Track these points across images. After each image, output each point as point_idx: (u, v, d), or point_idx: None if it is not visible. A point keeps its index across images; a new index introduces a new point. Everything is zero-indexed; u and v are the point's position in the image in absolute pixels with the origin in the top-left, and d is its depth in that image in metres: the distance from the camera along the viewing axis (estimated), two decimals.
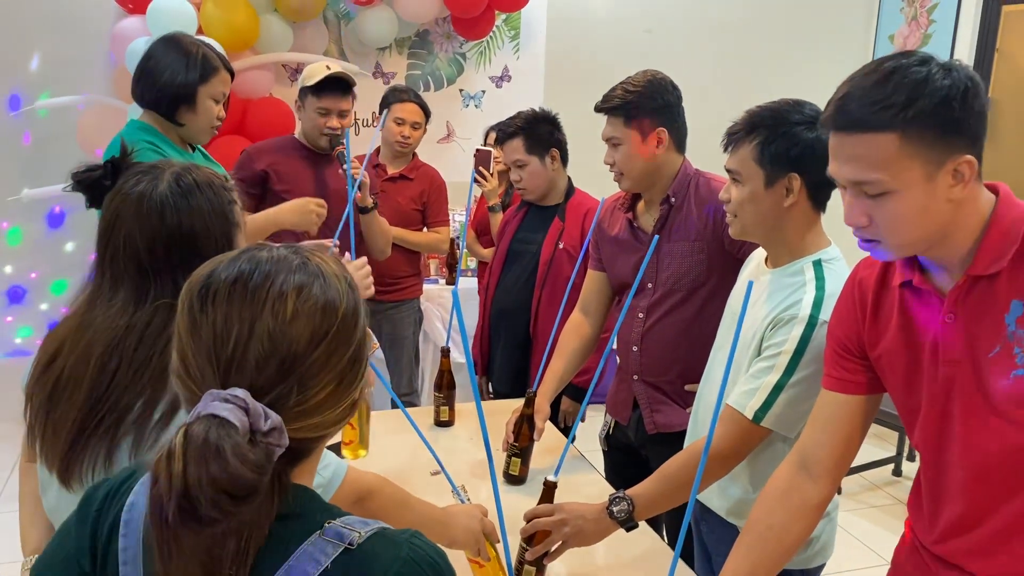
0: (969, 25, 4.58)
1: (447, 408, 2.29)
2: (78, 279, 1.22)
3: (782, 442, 1.56)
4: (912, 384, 1.21)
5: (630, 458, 2.15)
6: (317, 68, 2.66)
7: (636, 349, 2.03)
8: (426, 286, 3.57)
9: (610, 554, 1.67)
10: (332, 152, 2.73)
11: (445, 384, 2.28)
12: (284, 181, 2.71)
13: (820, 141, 1.38)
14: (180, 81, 2.06)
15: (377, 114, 3.38)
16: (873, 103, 1.05)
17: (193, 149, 2.23)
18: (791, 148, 1.48)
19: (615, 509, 1.53)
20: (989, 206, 1.11)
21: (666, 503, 1.56)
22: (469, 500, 1.51)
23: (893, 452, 3.95)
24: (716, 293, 1.90)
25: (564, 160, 2.66)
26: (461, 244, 3.40)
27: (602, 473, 2.18)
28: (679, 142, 1.99)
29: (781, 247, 1.58)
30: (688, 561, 1.84)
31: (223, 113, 2.17)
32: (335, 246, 1.99)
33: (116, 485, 0.85)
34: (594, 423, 2.49)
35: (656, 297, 1.99)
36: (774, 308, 1.51)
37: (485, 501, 1.47)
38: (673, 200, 1.97)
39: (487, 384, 2.92)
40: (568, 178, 2.71)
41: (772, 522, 1.31)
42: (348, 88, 2.67)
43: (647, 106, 1.92)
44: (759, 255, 1.69)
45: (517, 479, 1.97)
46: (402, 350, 3.32)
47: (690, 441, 1.77)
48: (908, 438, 1.27)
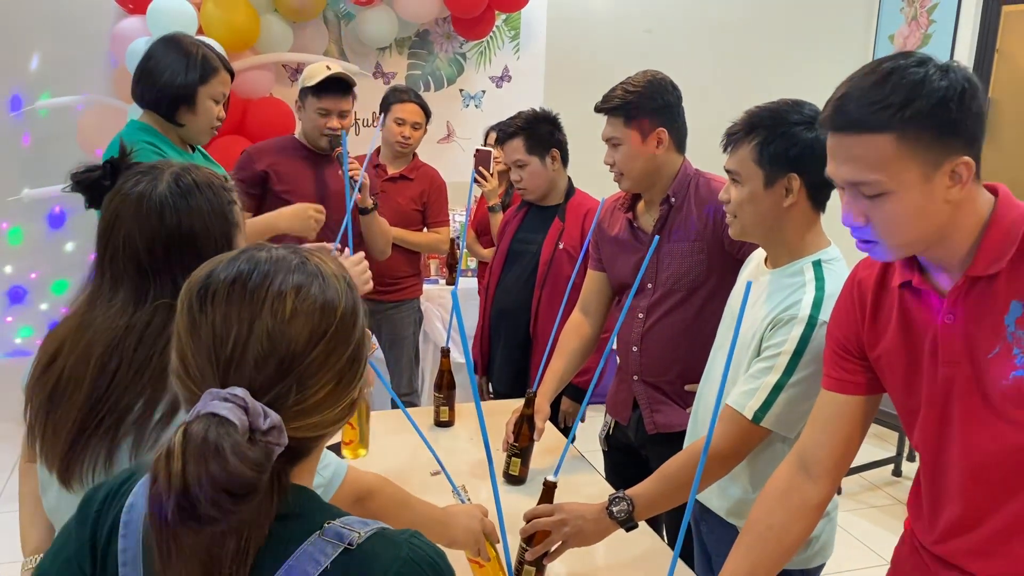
0: (969, 25, 4.57)
1: (447, 408, 2.29)
2: (78, 279, 1.22)
3: (781, 442, 1.56)
4: (911, 385, 1.21)
5: (630, 458, 2.15)
6: (317, 68, 2.65)
7: (636, 349, 2.03)
8: (426, 286, 3.58)
9: (610, 554, 1.67)
10: (332, 153, 2.73)
11: (445, 384, 2.28)
12: (284, 182, 2.71)
13: (819, 141, 1.38)
14: (180, 82, 2.06)
15: (377, 114, 3.38)
16: (871, 103, 1.05)
17: (193, 149, 2.23)
18: (790, 148, 1.48)
19: (615, 509, 1.53)
20: (988, 207, 1.10)
21: (666, 503, 1.56)
22: (469, 500, 1.51)
23: (893, 452, 3.95)
24: (716, 293, 1.90)
25: (564, 160, 2.66)
26: (461, 244, 3.40)
27: (602, 473, 2.18)
28: (679, 142, 1.99)
29: (781, 247, 1.58)
30: (688, 561, 1.84)
31: (223, 114, 2.17)
32: (336, 250, 1.99)
33: (115, 486, 0.85)
34: (594, 423, 2.49)
35: (656, 297, 1.99)
36: (774, 308, 1.51)
37: (485, 501, 1.48)
38: (673, 200, 1.97)
39: (487, 384, 2.92)
40: (568, 178, 2.71)
41: (772, 522, 1.31)
42: (348, 88, 2.67)
43: (647, 106, 1.92)
44: (759, 255, 1.69)
45: (517, 479, 1.97)
46: (402, 350, 3.32)
47: (690, 441, 1.77)
48: (907, 439, 1.27)
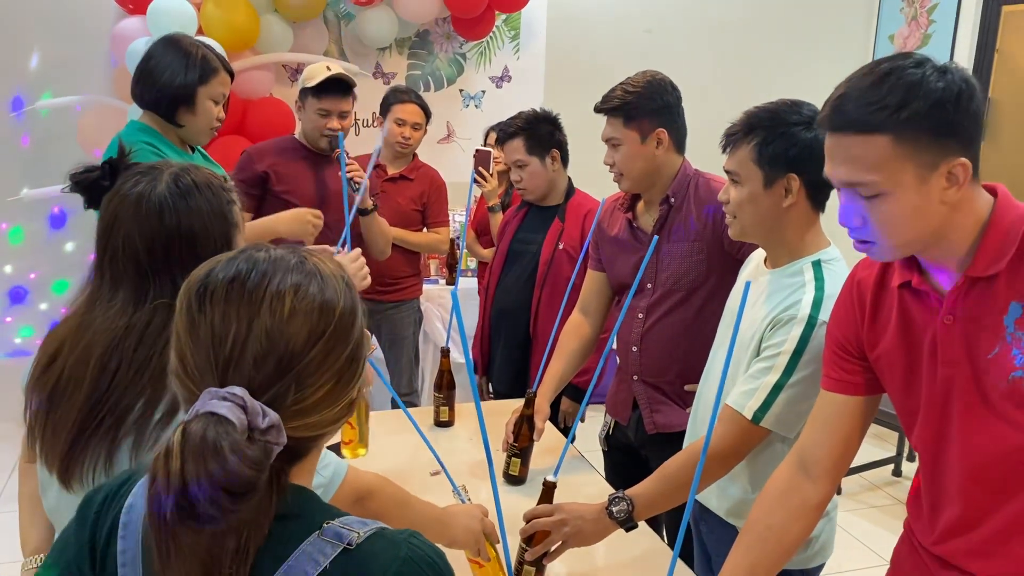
0: (969, 25, 4.57)
1: (447, 408, 2.29)
2: (79, 279, 1.22)
3: (781, 442, 1.56)
4: (911, 385, 1.21)
5: (630, 458, 2.15)
6: (317, 69, 2.65)
7: (636, 349, 2.03)
8: (426, 286, 3.58)
9: (610, 554, 1.68)
10: (332, 154, 2.73)
11: (445, 384, 2.28)
12: (284, 182, 2.71)
13: (818, 141, 1.38)
14: (179, 82, 2.06)
15: (377, 114, 3.38)
16: (868, 104, 1.05)
17: (193, 150, 2.23)
18: (789, 149, 1.48)
19: (614, 509, 1.53)
20: (987, 207, 1.10)
21: (665, 503, 1.56)
22: (470, 500, 1.51)
23: (893, 452, 3.95)
24: (715, 293, 1.90)
25: (564, 161, 2.66)
26: (461, 244, 3.41)
27: (602, 473, 2.18)
28: (679, 142, 1.99)
29: (781, 248, 1.58)
30: (688, 561, 1.84)
31: (223, 114, 2.17)
32: (339, 252, 2.00)
33: (114, 488, 0.85)
34: (594, 423, 2.49)
35: (656, 297, 1.99)
36: (773, 308, 1.51)
37: (485, 501, 1.48)
38: (673, 200, 1.97)
39: (487, 384, 2.92)
40: (568, 178, 2.71)
41: (771, 522, 1.31)
42: (349, 89, 2.67)
43: (646, 107, 1.92)
44: (758, 256, 1.69)
45: (517, 479, 1.97)
46: (402, 350, 3.33)
47: (689, 441, 1.77)
48: (907, 439, 1.27)
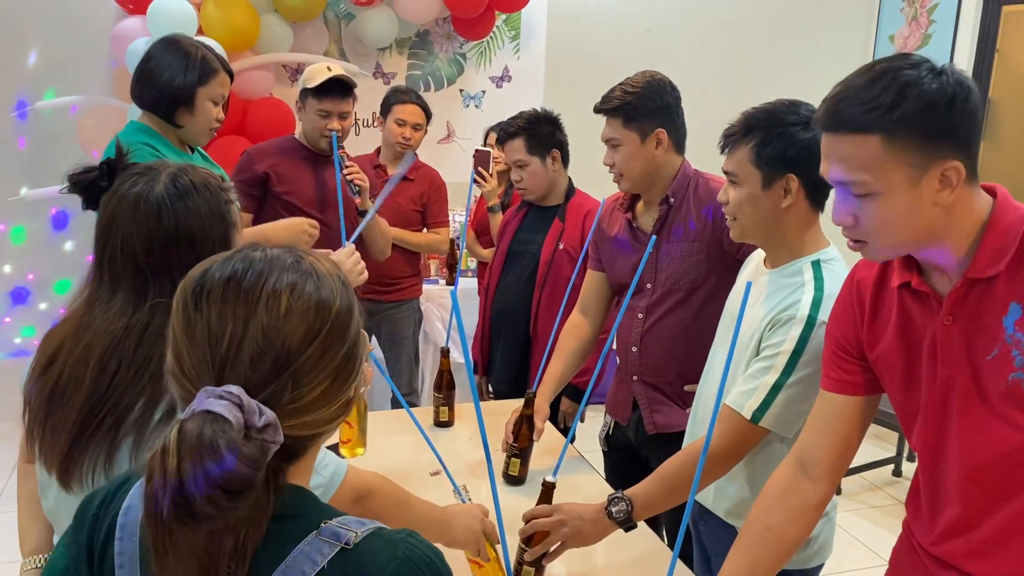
0: (969, 25, 4.57)
1: (447, 408, 2.29)
2: (79, 279, 1.22)
3: (780, 443, 1.56)
4: (911, 386, 1.20)
5: (630, 458, 2.15)
6: (318, 69, 2.64)
7: (635, 350, 2.03)
8: (426, 286, 3.58)
9: (609, 555, 1.67)
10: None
11: (445, 384, 2.28)
12: (285, 183, 2.71)
13: (816, 141, 1.37)
14: (179, 83, 2.06)
15: (378, 114, 3.38)
16: (862, 104, 1.05)
17: (192, 150, 2.22)
18: (787, 149, 1.48)
19: (614, 509, 1.53)
20: (987, 209, 1.10)
21: (665, 503, 1.56)
22: (470, 500, 1.51)
23: (893, 452, 3.95)
24: (715, 293, 1.90)
25: (565, 161, 2.66)
26: (461, 244, 3.41)
27: (601, 474, 2.17)
28: (678, 143, 1.99)
29: (780, 248, 1.57)
30: (687, 562, 1.83)
31: (222, 115, 2.17)
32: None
33: (112, 491, 0.85)
34: (594, 424, 2.49)
35: (655, 297, 1.99)
36: (773, 308, 1.51)
37: (484, 501, 1.48)
38: (672, 200, 1.96)
39: (487, 384, 2.92)
40: (569, 179, 2.71)
41: (771, 522, 1.31)
42: (349, 90, 2.66)
43: (646, 107, 1.92)
44: (758, 256, 1.69)
45: (517, 480, 1.97)
46: (402, 350, 3.33)
47: (689, 441, 1.77)
48: (907, 439, 1.27)
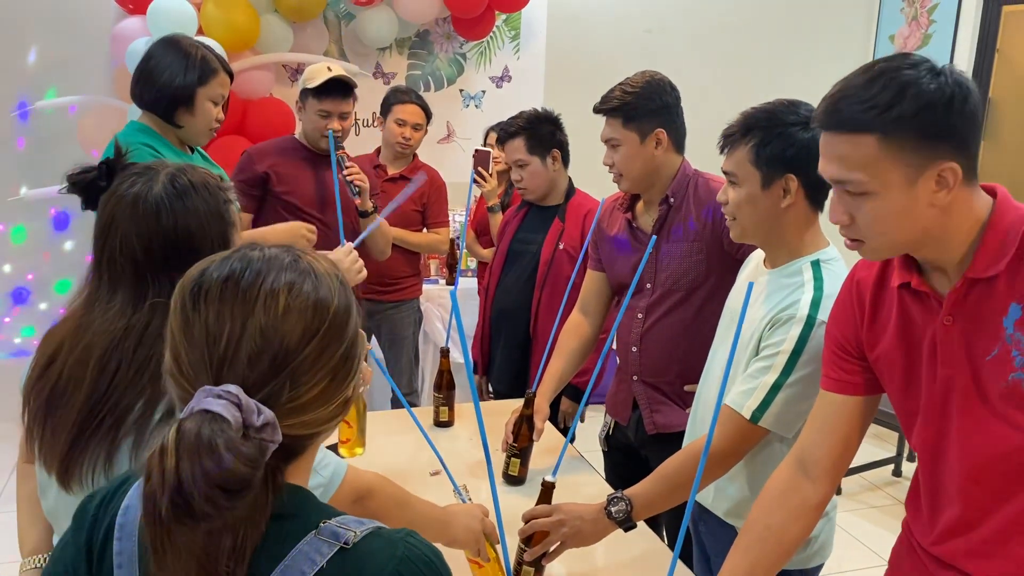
0: (969, 25, 4.57)
1: (447, 408, 2.29)
2: (79, 279, 1.22)
3: (779, 442, 1.56)
4: (910, 386, 1.20)
5: (630, 459, 2.15)
6: (318, 69, 2.64)
7: (635, 350, 2.03)
8: (426, 286, 3.58)
9: (609, 555, 1.67)
10: (336, 153, 2.72)
11: (444, 384, 2.28)
12: (285, 183, 2.71)
13: (815, 141, 1.36)
14: (179, 83, 2.06)
15: (378, 114, 3.39)
16: (859, 103, 1.05)
17: (192, 150, 2.22)
18: (787, 149, 1.48)
19: (613, 509, 1.53)
20: (986, 209, 1.10)
21: (664, 503, 1.56)
22: (470, 500, 1.51)
23: (893, 452, 3.95)
24: (715, 293, 1.90)
25: (565, 161, 2.66)
26: (461, 244, 3.42)
27: (601, 474, 2.17)
28: (678, 143, 1.99)
29: (780, 248, 1.57)
30: (687, 562, 1.83)
31: (222, 115, 2.17)
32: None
33: (111, 491, 0.85)
34: (594, 424, 2.49)
35: (655, 297, 1.99)
36: (772, 308, 1.51)
37: (484, 501, 1.48)
38: (672, 200, 1.96)
39: (487, 384, 2.92)
40: (569, 179, 2.71)
41: (770, 522, 1.31)
42: (349, 91, 2.66)
43: (645, 107, 1.92)
44: (758, 256, 1.69)
45: (516, 480, 1.97)
46: (402, 350, 3.33)
47: (689, 441, 1.77)
48: (906, 439, 1.27)
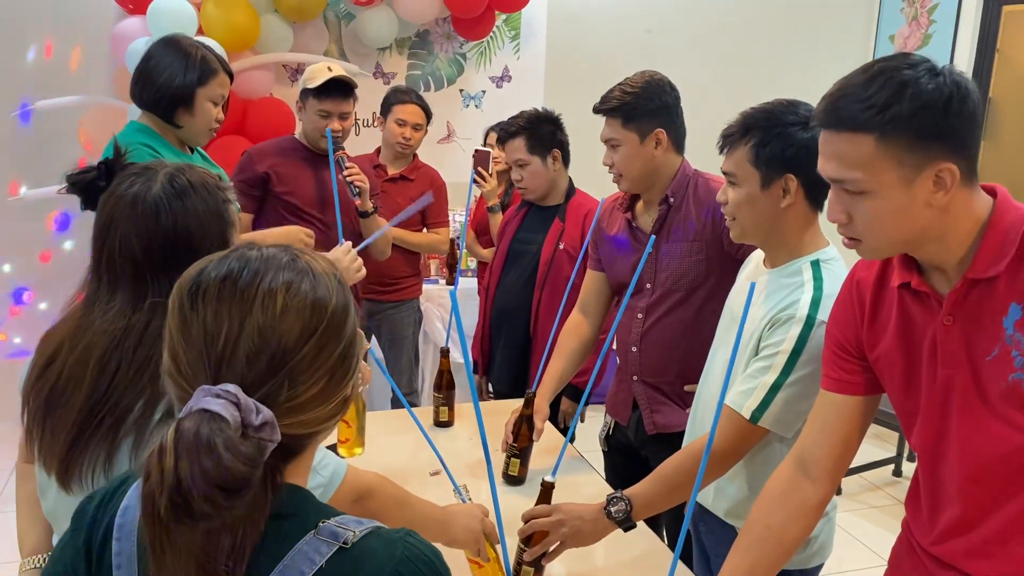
0: (969, 25, 4.57)
1: (446, 408, 2.29)
2: (79, 279, 1.22)
3: (779, 442, 1.56)
4: (910, 386, 1.20)
5: (630, 459, 2.15)
6: (319, 70, 2.64)
7: (635, 350, 2.03)
8: (426, 286, 3.58)
9: (609, 555, 1.67)
10: (335, 154, 2.72)
11: (444, 384, 2.28)
12: (285, 183, 2.71)
13: (815, 141, 1.36)
14: (178, 83, 2.06)
15: (378, 114, 3.39)
16: (858, 102, 1.05)
17: (192, 150, 2.22)
18: (786, 149, 1.48)
19: (613, 509, 1.53)
20: (986, 209, 1.10)
21: (664, 503, 1.56)
22: (470, 500, 1.51)
23: (893, 452, 3.95)
24: (715, 293, 1.90)
25: (566, 161, 2.66)
26: (461, 244, 3.42)
27: (601, 474, 2.17)
28: (678, 143, 1.99)
29: (780, 248, 1.57)
30: (687, 562, 1.83)
31: (221, 115, 2.17)
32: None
33: (110, 492, 0.85)
34: (594, 424, 2.49)
35: (655, 297, 1.99)
36: (772, 308, 1.51)
37: (485, 501, 1.48)
38: (672, 200, 1.96)
39: (486, 384, 2.92)
40: (569, 179, 2.71)
41: (771, 522, 1.31)
42: (350, 91, 2.66)
43: (645, 107, 1.92)
44: (758, 256, 1.69)
45: (516, 480, 1.97)
46: (402, 350, 3.33)
47: (689, 441, 1.77)
48: (906, 439, 1.27)
